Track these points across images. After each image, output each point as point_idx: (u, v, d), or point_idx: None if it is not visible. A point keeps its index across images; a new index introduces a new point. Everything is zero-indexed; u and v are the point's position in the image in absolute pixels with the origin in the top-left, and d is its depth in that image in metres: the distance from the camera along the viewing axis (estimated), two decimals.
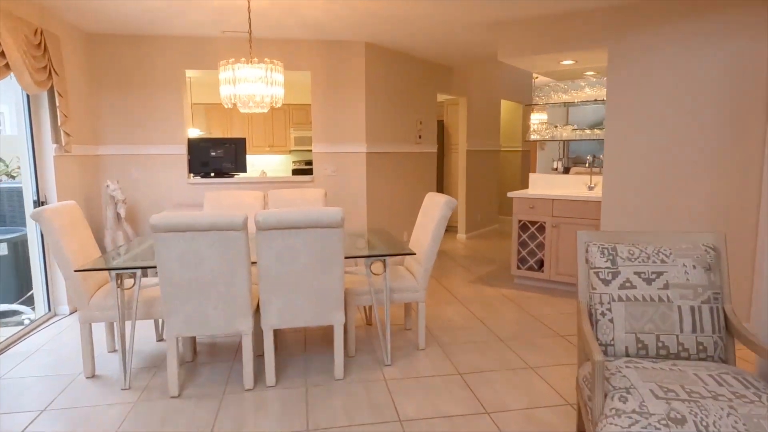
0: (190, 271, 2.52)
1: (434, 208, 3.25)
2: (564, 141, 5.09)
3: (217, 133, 7.81)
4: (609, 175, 3.99)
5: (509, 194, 4.78)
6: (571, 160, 5.32)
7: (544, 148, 5.42)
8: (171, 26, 4.40)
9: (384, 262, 2.98)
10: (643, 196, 3.84)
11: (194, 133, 6.92)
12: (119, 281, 2.69)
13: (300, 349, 3.36)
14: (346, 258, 2.83)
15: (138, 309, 2.83)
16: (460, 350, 3.30)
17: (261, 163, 8.27)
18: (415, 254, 2.92)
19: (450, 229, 7.87)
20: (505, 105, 8.55)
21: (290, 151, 8.10)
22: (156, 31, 4.58)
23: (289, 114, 8.03)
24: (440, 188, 7.81)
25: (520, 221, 4.76)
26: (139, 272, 2.70)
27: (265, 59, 3.23)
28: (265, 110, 3.32)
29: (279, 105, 3.39)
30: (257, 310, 2.82)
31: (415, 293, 3.21)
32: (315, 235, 2.58)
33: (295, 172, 7.98)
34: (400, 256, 4.34)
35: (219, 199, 3.75)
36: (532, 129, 5.15)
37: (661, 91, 3.70)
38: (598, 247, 2.24)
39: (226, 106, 3.26)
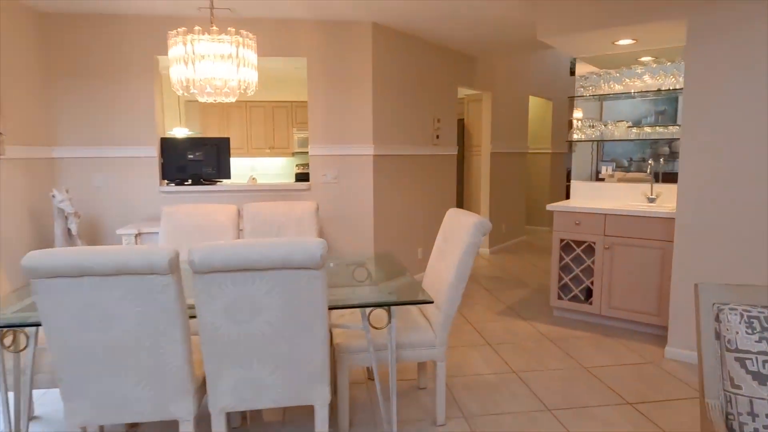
0: (95, 334, 1.68)
1: (460, 231, 2.38)
2: (616, 141, 4.16)
3: (213, 134, 7.03)
4: (686, 185, 3.07)
5: (549, 207, 3.88)
6: (606, 164, 4.40)
7: (575, 150, 4.50)
8: (140, 3, 3.60)
9: (389, 311, 2.11)
10: (740, 212, 2.91)
11: (182, 132, 6.14)
12: (5, 340, 1.87)
13: (278, 419, 2.50)
14: (335, 308, 1.97)
15: (38, 377, 2.00)
16: (494, 425, 2.41)
17: (262, 167, 7.48)
18: (432, 302, 2.04)
19: None
20: (534, 102, 7.62)
21: (293, 154, 7.29)
22: (122, 10, 3.78)
23: (292, 112, 7.22)
24: (460, 196, 6.92)
25: (561, 240, 3.85)
26: (33, 330, 1.88)
27: (229, 29, 2.38)
28: (232, 99, 2.48)
29: (251, 92, 2.55)
30: (204, 385, 1.97)
31: (431, 350, 2.34)
32: (284, 280, 1.73)
33: (299, 177, 7.16)
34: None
35: (179, 215, 2.92)
36: (575, 127, 4.23)
37: (764, 75, 2.77)
38: (742, 315, 1.34)
39: (178, 93, 2.43)
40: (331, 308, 1.98)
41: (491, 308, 4.20)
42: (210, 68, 2.40)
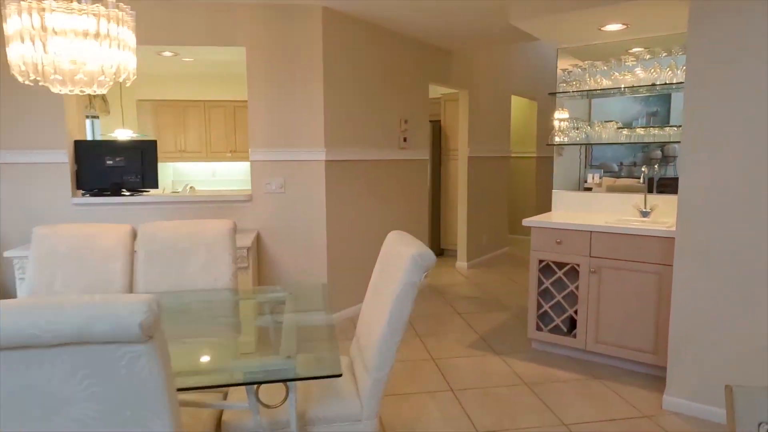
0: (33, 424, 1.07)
1: (396, 264, 1.79)
2: (603, 145, 3.60)
3: (167, 137, 6.42)
4: (688, 198, 2.50)
5: (525, 222, 3.30)
6: (595, 169, 3.84)
7: (561, 154, 3.94)
8: None
9: (287, 385, 1.52)
10: (756, 232, 2.34)
11: (125, 134, 5.51)
12: None
13: None
14: (201, 389, 1.38)
15: None
16: None
17: (225, 172, 6.89)
18: (340, 375, 1.45)
19: (447, 254, 6.39)
20: (517, 102, 7.07)
21: None
22: None
23: None
24: (436, 205, 6.34)
25: (541, 261, 3.28)
26: None
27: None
28: (97, 90, 1.88)
29: (128, 81, 1.95)
30: None
31: (355, 425, 1.74)
32: (90, 360, 1.12)
33: None
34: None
35: (54, 237, 2.30)
36: (557, 128, 3.67)
37: None
38: None
39: (21, 80, 1.82)
40: (198, 388, 1.38)
41: (462, 339, 3.61)
42: (65, 47, 1.79)
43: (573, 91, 3.49)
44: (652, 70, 3.17)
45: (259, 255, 3.77)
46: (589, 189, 3.70)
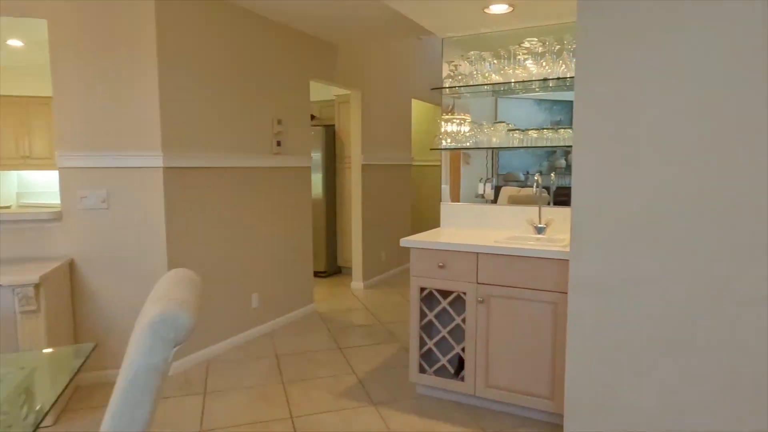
0: None
1: (136, 331, 1.10)
2: (492, 150, 3.13)
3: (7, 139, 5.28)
4: (579, 214, 2.02)
5: (403, 242, 2.73)
6: (502, 178, 3.38)
7: (469, 163, 3.44)
8: None
9: None
10: (654, 260, 1.89)
11: None
12: None
13: None
14: None
15: None
16: None
17: (40, 183, 5.80)
18: None
19: (346, 272, 5.77)
20: (420, 107, 6.62)
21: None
22: None
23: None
24: (331, 217, 5.70)
25: (422, 289, 2.72)
26: None
27: None
28: None
29: None
30: None
31: None
32: None
33: None
34: None
35: None
36: (443, 130, 3.16)
37: (687, 55, 1.78)
38: None
39: None
40: None
41: (334, 386, 2.97)
42: None
43: (459, 87, 2.99)
44: (544, 63, 2.73)
45: (74, 290, 2.91)
46: (493, 201, 3.21)
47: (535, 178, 2.85)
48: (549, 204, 2.93)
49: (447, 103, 3.24)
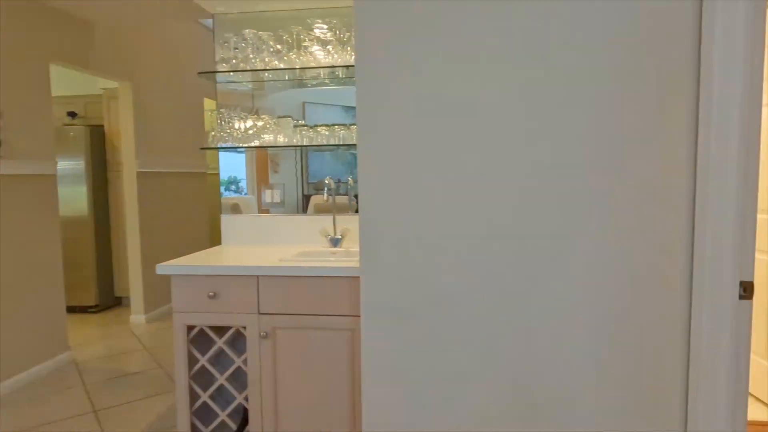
0: None
1: None
2: (302, 157, 2.67)
3: None
4: (367, 224, 1.66)
5: (159, 269, 2.08)
6: (313, 186, 2.93)
7: (278, 171, 2.90)
8: None
9: None
10: (452, 285, 1.61)
11: None
12: None
13: None
14: None
15: None
16: None
17: None
18: None
19: (126, 303, 4.75)
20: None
21: None
22: None
23: None
24: (104, 237, 4.63)
25: (190, 329, 2.10)
26: None
27: None
28: None
29: None
30: None
31: None
32: None
33: None
34: None
35: None
36: (218, 124, 2.59)
37: (489, 41, 1.55)
38: None
39: None
40: None
41: None
42: None
43: (233, 72, 2.46)
44: (331, 49, 2.37)
45: None
46: (307, 211, 2.71)
47: (326, 181, 2.46)
48: (355, 212, 2.57)
49: (224, 92, 2.68)
